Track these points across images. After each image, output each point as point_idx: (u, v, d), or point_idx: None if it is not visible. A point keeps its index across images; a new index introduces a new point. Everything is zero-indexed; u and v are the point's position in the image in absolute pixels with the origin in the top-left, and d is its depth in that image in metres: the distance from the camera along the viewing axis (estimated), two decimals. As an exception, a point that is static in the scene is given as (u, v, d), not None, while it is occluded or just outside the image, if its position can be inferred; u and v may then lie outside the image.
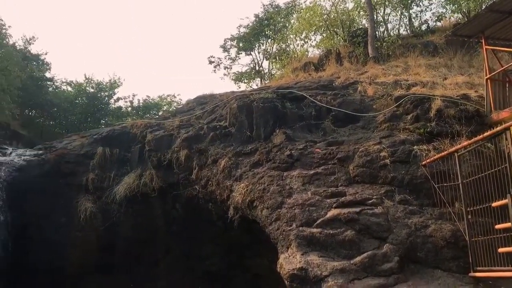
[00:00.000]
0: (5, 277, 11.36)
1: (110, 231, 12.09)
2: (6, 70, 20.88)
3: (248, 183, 9.87)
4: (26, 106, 26.10)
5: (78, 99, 28.23)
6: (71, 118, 28.01)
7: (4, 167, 12.39)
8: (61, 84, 29.80)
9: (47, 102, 26.25)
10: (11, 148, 14.03)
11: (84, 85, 28.56)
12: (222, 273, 11.20)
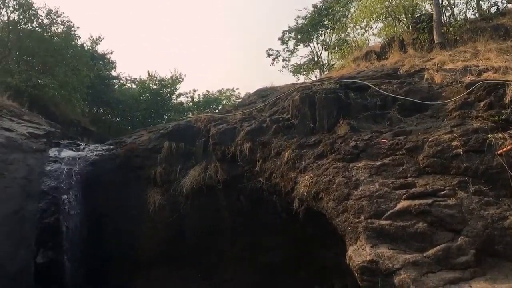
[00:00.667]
0: (83, 266, 12.05)
1: (178, 222, 12.48)
2: (76, 70, 22.01)
3: (312, 175, 9.83)
4: (95, 104, 27.45)
5: (142, 96, 29.31)
6: (135, 114, 29.16)
7: (78, 162, 13.12)
8: (125, 81, 31.10)
9: (113, 99, 27.47)
10: (84, 144, 14.81)
11: (148, 82, 29.60)
12: (287, 265, 11.23)
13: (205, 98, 32.21)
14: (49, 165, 12.53)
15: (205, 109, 29.84)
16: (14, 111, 14.31)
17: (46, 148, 13.14)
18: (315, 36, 25.94)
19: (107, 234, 12.78)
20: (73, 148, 14.08)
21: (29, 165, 12.02)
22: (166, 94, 29.95)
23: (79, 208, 12.50)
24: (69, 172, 12.66)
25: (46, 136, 13.65)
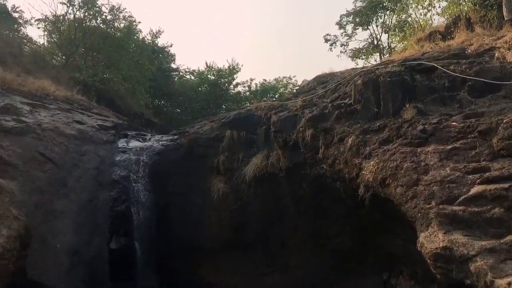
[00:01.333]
0: (153, 252, 12.56)
1: (241, 210, 12.66)
2: (139, 63, 22.78)
3: (378, 161, 9.61)
4: (156, 96, 28.32)
5: (200, 87, 29.87)
6: (195, 105, 29.78)
7: (145, 152, 13.61)
8: (184, 73, 31.78)
9: (174, 91, 28.22)
10: (149, 135, 15.32)
11: (206, 73, 30.09)
12: (353, 251, 11.11)
13: (262, 87, 32.29)
14: (119, 155, 13.09)
15: (262, 97, 29.93)
16: (84, 105, 15.04)
17: (115, 139, 13.73)
18: (374, 18, 25.22)
19: (174, 221, 13.21)
20: (140, 139, 14.62)
21: (100, 156, 12.61)
22: (224, 84, 30.32)
23: (147, 196, 12.99)
24: (137, 162, 13.17)
25: (114, 128, 14.25)
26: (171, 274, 12.93)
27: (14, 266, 7.27)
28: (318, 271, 11.68)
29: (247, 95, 32.05)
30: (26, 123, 11.47)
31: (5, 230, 7.45)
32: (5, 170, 9.92)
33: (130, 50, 22.57)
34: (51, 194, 10.61)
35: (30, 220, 8.79)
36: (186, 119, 27.70)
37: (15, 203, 8.84)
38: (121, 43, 21.88)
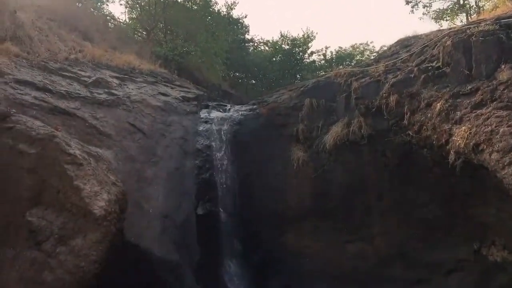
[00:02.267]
0: (236, 218, 12.98)
1: (321, 178, 12.63)
2: (215, 35, 23.07)
3: (470, 126, 9.16)
4: (232, 67, 28.61)
5: (275, 57, 29.71)
6: (269, 75, 29.75)
7: (226, 122, 13.91)
8: (259, 44, 31.73)
9: (249, 62, 28.33)
10: (229, 105, 15.62)
11: (280, 42, 29.83)
12: (441, 221, 10.74)
13: (338, 55, 31.45)
14: (201, 125, 13.50)
15: (338, 66, 29.20)
16: (167, 78, 15.58)
17: (197, 110, 14.15)
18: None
19: (255, 189, 13.49)
20: (220, 109, 14.94)
21: (185, 126, 13.07)
22: (298, 53, 29.90)
23: (229, 165, 13.35)
24: (218, 132, 13.51)
25: (196, 99, 14.66)
26: (255, 241, 13.30)
27: (115, 228, 7.85)
28: (403, 240, 11.45)
29: (322, 63, 31.42)
30: (117, 95, 12.12)
31: (105, 194, 8.03)
32: (100, 140, 10.60)
33: (206, 22, 22.90)
34: (142, 162, 11.21)
35: (125, 186, 9.36)
36: (261, 90, 27.81)
37: (111, 170, 9.44)
38: (198, 15, 22.24)
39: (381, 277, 11.85)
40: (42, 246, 7.49)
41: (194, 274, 11.22)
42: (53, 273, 7.21)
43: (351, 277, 12.26)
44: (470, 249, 10.45)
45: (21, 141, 8.37)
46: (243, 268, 12.88)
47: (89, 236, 7.49)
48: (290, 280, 13.03)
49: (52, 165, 8.05)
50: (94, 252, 7.39)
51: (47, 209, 7.88)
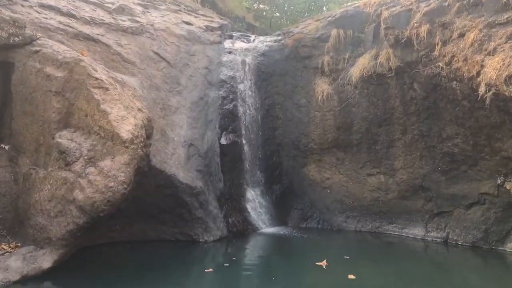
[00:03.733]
0: (259, 149, 13.11)
1: (345, 111, 12.53)
2: (239, -36, 22.20)
3: (504, 57, 8.83)
4: None
5: (301, -12, 28.63)
6: (295, 8, 28.82)
7: (250, 53, 13.69)
8: (283, -26, 30.46)
9: (274, -6, 27.37)
10: (253, 36, 15.29)
11: (307, -28, 28.60)
12: (466, 155, 10.63)
13: (367, -14, 30.12)
14: (225, 56, 13.31)
15: (366, -2, 28.00)
16: (190, 6, 15.22)
17: (221, 40, 13.90)
18: None
19: (279, 121, 13.53)
20: (244, 40, 14.65)
21: (208, 56, 12.92)
22: (327, -16, 28.73)
23: (253, 96, 13.30)
24: (242, 63, 13.34)
25: (220, 29, 14.37)
26: (277, 172, 13.52)
27: (142, 152, 7.99)
28: (426, 174, 11.46)
29: (350, -5, 30.22)
30: (140, 23, 11.94)
31: (132, 119, 8.11)
32: (125, 67, 10.60)
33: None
34: (167, 91, 11.23)
35: (150, 113, 9.43)
36: (286, 23, 27.06)
37: (137, 97, 9.49)
38: None
39: (401, 209, 12.04)
40: (72, 167, 7.73)
41: (218, 201, 11.53)
42: (83, 192, 7.47)
43: (371, 209, 12.49)
44: (494, 183, 10.41)
45: (48, 65, 8.43)
46: (264, 198, 13.19)
47: (117, 158, 7.66)
48: (310, 211, 13.35)
49: (79, 88, 8.12)
50: (122, 174, 7.58)
51: (75, 131, 8.05)
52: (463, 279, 8.80)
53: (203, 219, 10.63)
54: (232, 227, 11.54)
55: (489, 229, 10.57)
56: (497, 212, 10.46)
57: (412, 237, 11.72)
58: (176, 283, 7.81)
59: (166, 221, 10.49)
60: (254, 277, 8.63)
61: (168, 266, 8.86)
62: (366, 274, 8.64)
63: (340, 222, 12.84)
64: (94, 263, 8.82)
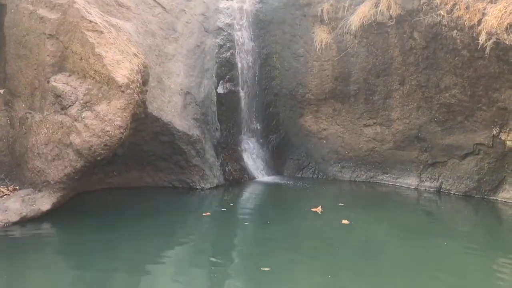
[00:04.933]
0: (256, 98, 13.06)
1: (344, 61, 12.39)
2: None
3: (506, 4, 8.67)
4: None
5: None
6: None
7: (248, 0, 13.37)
8: None
9: None
10: (252, -18, 14.85)
11: None
12: (463, 105, 10.62)
13: None
14: (222, 2, 12.99)
15: None
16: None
17: (218, -14, 13.51)
18: None
19: (276, 71, 13.39)
20: (242, -14, 14.25)
21: (205, 2, 12.59)
22: None
23: (250, 45, 13.10)
24: (240, 10, 13.05)
25: (217, -26, 13.93)
26: (273, 122, 13.53)
27: (138, 97, 7.95)
28: (422, 125, 11.47)
29: None
30: (135, -34, 11.56)
31: (127, 63, 8.02)
32: (119, 12, 10.33)
33: None
34: (162, 38, 11.03)
35: (146, 60, 9.30)
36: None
37: (132, 42, 9.33)
38: None
39: (395, 160, 12.15)
40: (68, 111, 7.71)
41: (214, 149, 11.60)
42: (80, 136, 7.50)
43: (366, 159, 12.60)
44: (489, 134, 10.46)
45: (41, 6, 8.25)
46: (261, 148, 13.27)
47: (113, 103, 7.63)
48: (306, 161, 13.47)
49: (73, 31, 7.97)
50: (119, 118, 7.58)
51: (70, 75, 7.97)
52: (455, 227, 9.00)
53: (199, 166, 10.72)
54: (228, 175, 11.67)
55: (482, 179, 10.73)
56: (491, 163, 10.57)
57: (406, 186, 11.90)
58: (175, 226, 8.00)
59: (163, 168, 10.59)
60: (251, 220, 8.84)
61: (166, 211, 9.04)
62: (360, 220, 8.85)
63: (335, 172, 12.99)
64: (93, 207, 8.98)
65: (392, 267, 6.51)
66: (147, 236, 7.28)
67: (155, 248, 6.82)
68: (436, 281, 5.86)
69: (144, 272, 5.96)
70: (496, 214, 10.03)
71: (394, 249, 7.41)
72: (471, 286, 5.85)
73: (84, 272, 5.84)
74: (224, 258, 6.68)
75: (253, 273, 6.02)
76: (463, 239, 8.05)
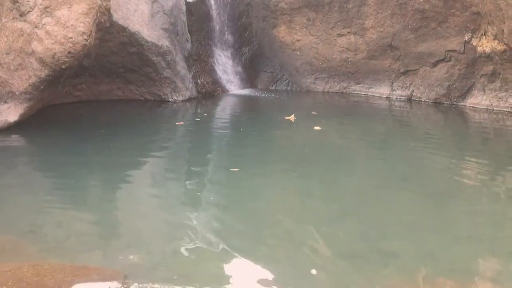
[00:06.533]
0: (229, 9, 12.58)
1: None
2: None
3: None
4: None
5: None
6: None
7: None
8: None
9: None
10: None
11: None
12: (436, 11, 10.44)
13: None
14: None
15: None
16: None
17: None
18: None
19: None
20: None
21: None
22: None
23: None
24: None
25: None
26: (246, 33, 13.21)
27: (100, 1, 7.54)
28: (396, 33, 11.36)
29: None
30: None
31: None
32: None
33: None
34: None
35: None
36: None
37: None
38: None
39: (368, 70, 12.16)
40: (27, 17, 7.30)
41: (186, 61, 11.31)
42: (42, 44, 7.17)
43: (340, 70, 12.56)
44: (461, 40, 10.46)
45: None
46: (234, 60, 13.05)
47: (75, 8, 7.23)
48: (280, 73, 13.38)
49: None
50: (82, 24, 7.21)
51: (26, -22, 7.45)
52: (423, 132, 9.25)
53: (171, 79, 10.52)
54: (201, 88, 11.52)
55: (452, 86, 10.89)
56: (461, 69, 10.68)
57: (378, 96, 12.03)
58: (148, 136, 7.94)
59: (133, 80, 10.36)
60: (224, 128, 8.90)
61: (138, 122, 8.97)
62: (331, 126, 8.99)
63: (309, 83, 12.97)
64: (62, 120, 8.81)
65: (357, 170, 6.64)
66: (120, 147, 7.10)
67: (129, 158, 6.65)
68: (403, 182, 5.99)
69: (120, 183, 5.71)
70: (464, 119, 10.31)
71: (363, 152, 7.60)
72: (435, 184, 6.04)
73: (57, 185, 5.63)
74: (196, 163, 6.75)
75: (222, 174, 6.12)
76: (430, 142, 8.29)
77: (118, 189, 5.60)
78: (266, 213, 4.85)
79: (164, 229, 4.44)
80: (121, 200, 5.39)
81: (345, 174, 6.27)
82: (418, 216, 4.82)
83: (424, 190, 5.64)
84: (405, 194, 5.47)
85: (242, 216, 4.78)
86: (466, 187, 5.81)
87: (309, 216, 4.81)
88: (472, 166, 6.56)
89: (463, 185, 5.87)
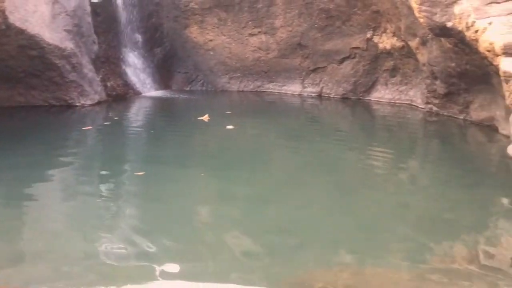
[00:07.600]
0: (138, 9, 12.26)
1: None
2: None
3: None
4: None
5: None
6: None
7: None
8: None
9: None
10: None
11: None
12: (340, 10, 10.95)
13: None
14: None
15: None
16: None
17: None
18: None
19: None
20: None
21: None
22: None
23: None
24: None
25: None
26: (157, 33, 12.98)
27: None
28: (304, 32, 11.73)
29: None
30: None
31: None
32: None
33: None
34: None
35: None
36: None
37: None
38: None
39: (280, 68, 12.45)
40: None
41: (93, 64, 10.88)
42: None
43: (253, 69, 12.75)
44: (364, 38, 11.04)
45: None
46: (145, 62, 12.78)
47: (-40, 9, 6.71)
48: (194, 74, 13.32)
49: None
50: (-31, 26, 6.72)
51: None
52: (332, 126, 9.64)
53: (77, 82, 10.07)
54: (111, 90, 11.14)
55: (358, 81, 11.45)
56: (365, 65, 11.26)
57: (291, 93, 12.34)
58: (54, 143, 7.49)
59: (35, 85, 9.80)
60: (135, 131, 8.69)
61: (42, 130, 8.44)
62: (245, 125, 9.07)
63: (224, 83, 13.02)
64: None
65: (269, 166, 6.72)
66: (25, 157, 6.57)
67: (33, 169, 6.10)
68: (316, 174, 6.16)
69: (25, 197, 5.28)
70: (369, 112, 10.87)
71: (276, 150, 7.70)
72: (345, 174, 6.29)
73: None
74: (102, 168, 6.50)
75: (126, 178, 5.93)
76: (340, 135, 8.66)
77: (24, 206, 5.16)
78: (172, 213, 4.75)
79: (64, 245, 4.18)
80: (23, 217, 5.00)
81: (255, 171, 6.29)
82: (328, 206, 4.97)
83: (335, 180, 5.86)
84: (318, 186, 5.63)
85: (146, 219, 4.66)
86: (373, 175, 6.10)
87: (217, 214, 4.80)
88: (379, 156, 6.88)
89: (371, 174, 6.16)
